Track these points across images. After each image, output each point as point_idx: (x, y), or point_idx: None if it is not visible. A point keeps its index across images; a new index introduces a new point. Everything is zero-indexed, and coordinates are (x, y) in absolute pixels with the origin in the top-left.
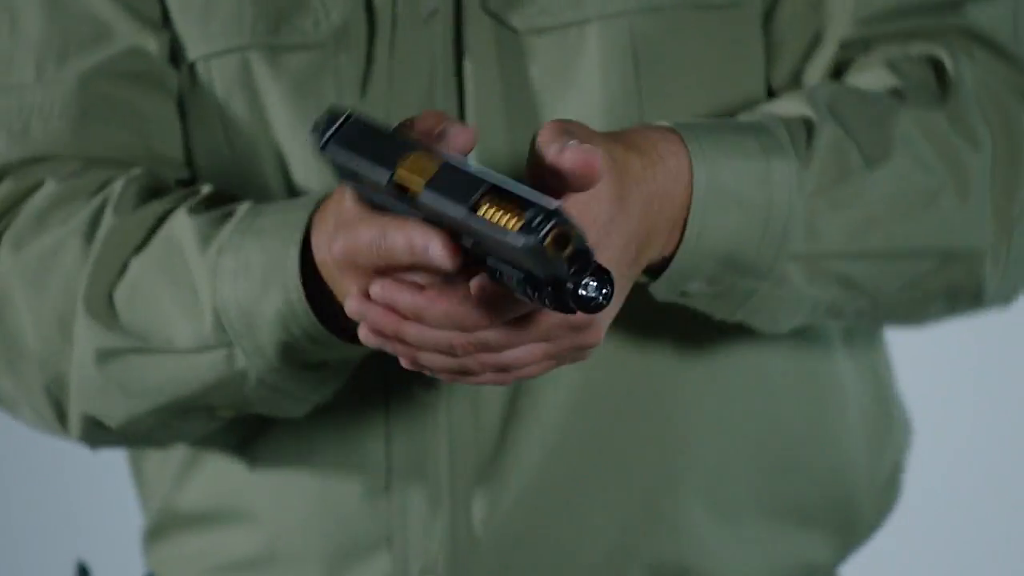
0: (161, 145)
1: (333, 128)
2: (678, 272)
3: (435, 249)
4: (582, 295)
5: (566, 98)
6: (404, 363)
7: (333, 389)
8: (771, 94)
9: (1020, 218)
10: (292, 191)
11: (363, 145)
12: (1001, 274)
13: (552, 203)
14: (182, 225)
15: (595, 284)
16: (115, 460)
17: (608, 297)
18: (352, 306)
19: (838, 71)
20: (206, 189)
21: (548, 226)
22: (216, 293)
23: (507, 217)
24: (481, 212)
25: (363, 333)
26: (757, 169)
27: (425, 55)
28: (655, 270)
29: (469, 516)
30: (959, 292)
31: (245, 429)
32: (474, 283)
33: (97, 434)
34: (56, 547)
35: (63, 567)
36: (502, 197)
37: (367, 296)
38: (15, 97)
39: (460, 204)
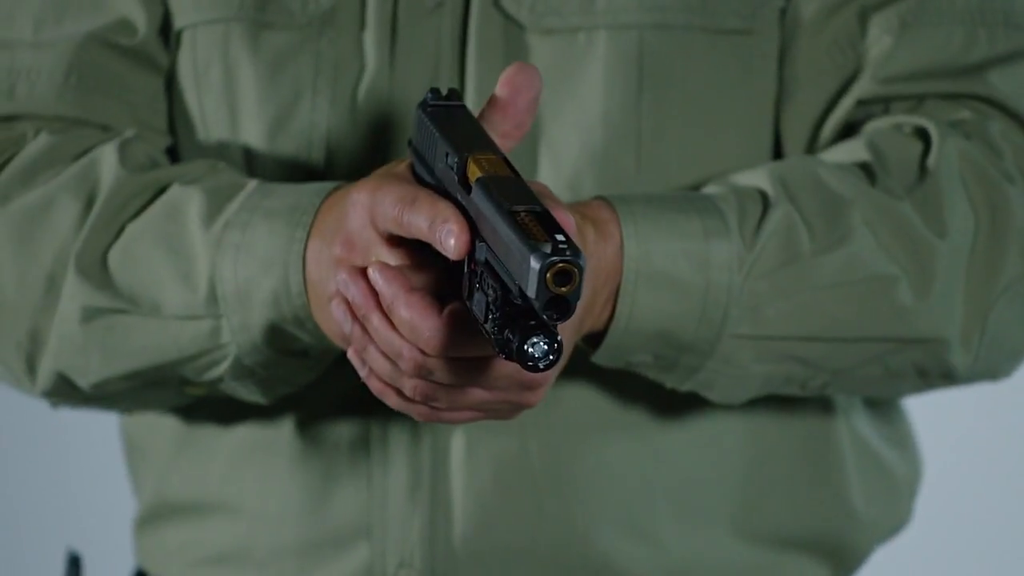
0: (147, 115)
1: (442, 101)
2: (614, 347)
3: (452, 231)
4: (527, 351)
5: (566, 102)
6: (350, 353)
7: (304, 382)
8: (778, 138)
9: (998, 301)
10: (251, 171)
11: (455, 127)
12: (974, 357)
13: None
14: (188, 194)
15: (544, 347)
16: (108, 451)
17: (550, 365)
18: (342, 277)
19: (851, 127)
20: (221, 164)
21: (566, 255)
22: (215, 266)
23: (537, 232)
24: (518, 220)
25: (335, 304)
26: (695, 251)
27: (429, 46)
28: (592, 340)
29: (449, 508)
30: (927, 372)
31: (229, 416)
32: (448, 308)
33: (64, 391)
34: (48, 537)
35: (55, 557)
36: (543, 221)
37: (361, 273)
38: (7, 57)
39: (505, 202)
